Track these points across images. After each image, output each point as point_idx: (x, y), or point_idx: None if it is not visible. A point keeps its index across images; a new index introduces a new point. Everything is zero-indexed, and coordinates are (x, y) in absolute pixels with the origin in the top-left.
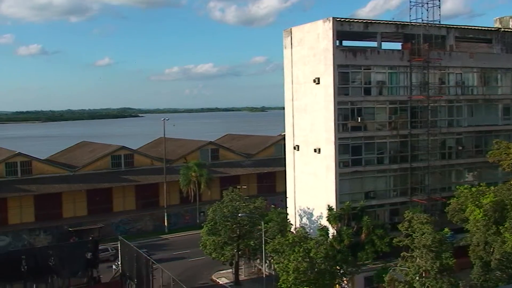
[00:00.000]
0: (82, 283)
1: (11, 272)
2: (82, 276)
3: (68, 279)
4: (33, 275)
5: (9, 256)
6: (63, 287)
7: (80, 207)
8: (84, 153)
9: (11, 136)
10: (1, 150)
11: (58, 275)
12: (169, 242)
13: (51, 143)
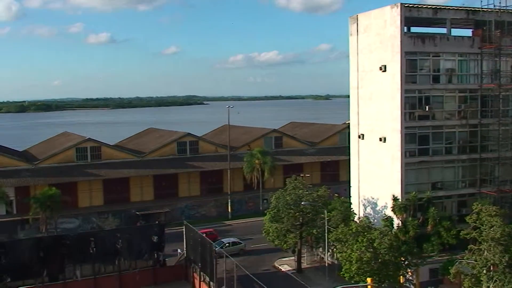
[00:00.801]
0: (148, 265)
1: (81, 254)
2: (148, 258)
3: (135, 261)
4: (101, 256)
5: (79, 238)
6: (130, 269)
7: (147, 191)
8: (151, 140)
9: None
10: (72, 136)
11: (125, 257)
12: (232, 228)
13: (119, 129)
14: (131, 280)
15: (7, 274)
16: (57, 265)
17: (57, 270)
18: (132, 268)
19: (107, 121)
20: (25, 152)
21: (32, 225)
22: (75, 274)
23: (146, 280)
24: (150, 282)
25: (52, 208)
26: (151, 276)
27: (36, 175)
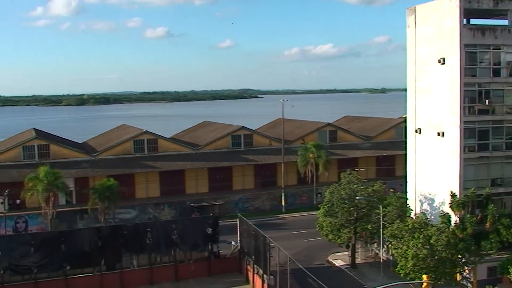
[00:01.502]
0: (203, 257)
1: (137, 244)
2: (202, 250)
3: (190, 252)
4: (157, 247)
5: (136, 228)
6: (185, 260)
7: (202, 184)
8: (206, 133)
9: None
10: (129, 128)
11: (180, 248)
12: (285, 221)
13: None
14: (186, 270)
15: (66, 262)
16: (115, 254)
17: (115, 259)
18: (187, 259)
19: (164, 114)
20: (85, 144)
21: (90, 215)
22: (132, 263)
23: (201, 271)
24: (205, 273)
25: (110, 199)
26: (205, 267)
27: (95, 167)
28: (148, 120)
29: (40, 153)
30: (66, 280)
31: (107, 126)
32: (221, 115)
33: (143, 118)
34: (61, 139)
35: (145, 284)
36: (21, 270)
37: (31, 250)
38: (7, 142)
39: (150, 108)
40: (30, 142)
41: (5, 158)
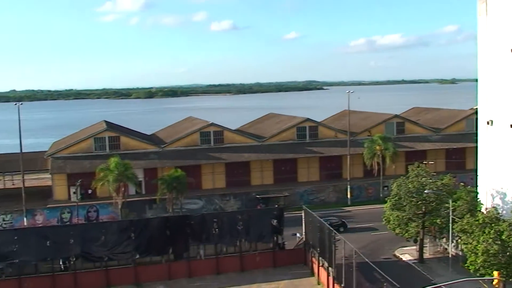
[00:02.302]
0: (268, 248)
1: (204, 234)
2: (267, 241)
3: (255, 243)
4: (223, 237)
5: (202, 218)
6: (250, 250)
7: (267, 175)
8: (271, 125)
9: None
10: (196, 120)
11: (246, 239)
12: (351, 214)
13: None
14: (251, 261)
15: (136, 250)
16: (182, 244)
17: (182, 248)
18: (253, 250)
19: (229, 106)
20: (153, 136)
21: (159, 205)
22: (199, 253)
23: (266, 262)
24: (270, 264)
25: (177, 189)
26: (270, 258)
27: (163, 158)
28: (214, 112)
29: (111, 144)
30: (135, 268)
31: (175, 118)
32: (286, 107)
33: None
34: (130, 131)
35: (212, 274)
36: (92, 258)
37: (102, 238)
38: (80, 134)
39: (216, 101)
40: (101, 134)
41: (78, 150)
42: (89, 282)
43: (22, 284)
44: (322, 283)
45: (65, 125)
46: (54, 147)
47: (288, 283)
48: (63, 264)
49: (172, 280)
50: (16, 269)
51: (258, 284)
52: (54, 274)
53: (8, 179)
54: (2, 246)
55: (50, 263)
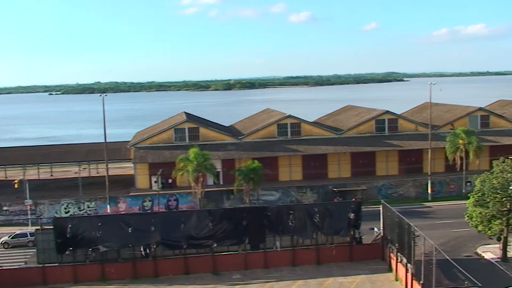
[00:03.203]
0: (345, 242)
1: (280, 225)
2: (344, 235)
3: (331, 236)
4: (299, 229)
5: (279, 210)
6: (327, 243)
7: (344, 168)
8: (349, 117)
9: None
10: (273, 112)
11: (322, 232)
12: (431, 210)
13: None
14: (327, 254)
15: (213, 239)
16: (259, 235)
17: (259, 239)
18: (329, 243)
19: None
20: (231, 127)
21: (236, 195)
22: (275, 244)
23: (342, 255)
24: (346, 258)
25: (254, 181)
26: (347, 252)
27: (240, 149)
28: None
29: (190, 135)
30: (213, 257)
31: (252, 110)
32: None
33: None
34: (209, 122)
35: (288, 265)
36: (172, 245)
37: (182, 227)
38: (161, 125)
39: (293, 93)
40: (181, 125)
41: (159, 140)
42: (169, 269)
43: (104, 269)
44: (400, 279)
45: (147, 116)
46: (136, 137)
47: (365, 278)
48: (143, 251)
49: (248, 270)
50: (99, 255)
51: (334, 277)
52: (135, 261)
53: (93, 167)
54: (87, 232)
55: (132, 250)
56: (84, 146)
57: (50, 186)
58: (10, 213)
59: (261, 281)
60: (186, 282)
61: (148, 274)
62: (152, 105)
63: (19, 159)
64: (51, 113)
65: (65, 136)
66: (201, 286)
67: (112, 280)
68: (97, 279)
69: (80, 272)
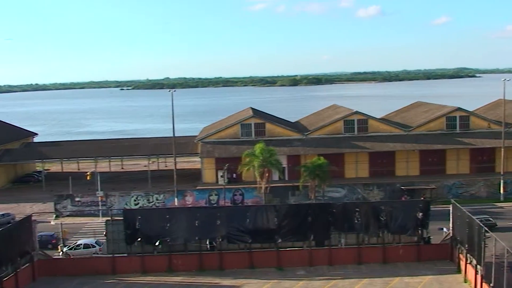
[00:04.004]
0: (412, 241)
1: (346, 223)
2: (411, 234)
3: (398, 235)
4: (365, 227)
5: (345, 207)
6: (393, 242)
7: (412, 166)
8: (418, 114)
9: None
10: (340, 108)
11: (389, 231)
12: (504, 210)
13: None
14: (394, 253)
15: (278, 234)
16: (324, 231)
17: (323, 236)
18: (396, 242)
19: (374, 94)
20: (297, 123)
21: (301, 191)
22: (340, 241)
23: (410, 255)
24: (413, 258)
25: (320, 177)
26: (414, 252)
27: (306, 145)
28: (358, 100)
29: (256, 131)
30: (278, 252)
31: (318, 106)
32: (434, 95)
33: (353, 98)
34: (275, 118)
35: (353, 263)
36: (237, 239)
37: (247, 221)
38: (227, 120)
39: (361, 88)
40: (248, 120)
41: (225, 135)
42: (234, 262)
43: (172, 261)
44: (470, 281)
45: (213, 111)
46: (203, 132)
47: (432, 279)
48: (209, 244)
49: (313, 267)
50: (167, 246)
51: (401, 277)
52: (201, 253)
53: (161, 161)
54: (156, 223)
55: (198, 242)
56: (153, 140)
57: (120, 179)
58: (82, 204)
59: (325, 278)
60: (250, 276)
61: (214, 267)
62: (219, 100)
63: (91, 152)
64: (122, 108)
65: (135, 130)
66: (265, 281)
67: (179, 272)
68: (165, 270)
69: (148, 263)
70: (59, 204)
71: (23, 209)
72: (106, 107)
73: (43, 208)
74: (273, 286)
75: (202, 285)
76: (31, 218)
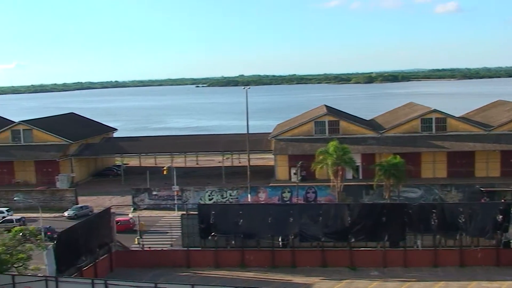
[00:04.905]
0: (491, 245)
1: (422, 224)
2: (491, 237)
3: (477, 238)
4: (442, 229)
5: (421, 208)
6: (471, 245)
7: (493, 167)
8: (500, 112)
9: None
10: (417, 106)
11: (467, 233)
12: None
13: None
14: (472, 257)
15: (351, 234)
16: (398, 232)
17: (398, 236)
18: (474, 245)
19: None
20: (372, 121)
21: (376, 191)
22: (416, 243)
23: (488, 259)
24: (493, 262)
25: (396, 176)
26: (493, 256)
27: (381, 144)
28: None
29: (330, 128)
30: (351, 252)
31: (394, 104)
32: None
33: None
34: (349, 116)
35: (428, 265)
36: (309, 237)
37: (320, 219)
38: (301, 118)
39: (439, 86)
40: (322, 118)
41: (299, 132)
42: (306, 260)
43: (244, 256)
44: None
45: (287, 109)
46: (277, 129)
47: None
48: (282, 241)
49: (386, 268)
50: (240, 242)
51: (478, 281)
52: (273, 250)
53: (235, 157)
54: (229, 219)
55: (271, 239)
56: (227, 136)
57: (195, 174)
58: (158, 198)
59: (399, 280)
60: (322, 275)
61: (286, 264)
62: (293, 97)
63: (168, 148)
64: (197, 105)
65: (210, 127)
66: (337, 280)
67: (251, 267)
68: (237, 265)
69: (221, 257)
70: (137, 198)
71: (103, 202)
72: (183, 104)
73: (121, 201)
74: (345, 285)
75: (274, 282)
76: (110, 210)
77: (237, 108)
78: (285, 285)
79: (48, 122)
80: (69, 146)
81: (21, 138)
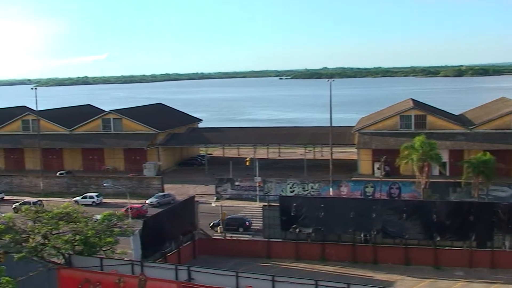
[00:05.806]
0: None
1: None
2: None
3: None
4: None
5: (510, 208)
6: None
7: None
8: None
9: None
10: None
11: None
12: None
13: None
14: None
15: (437, 233)
16: (486, 232)
17: (486, 237)
18: None
19: None
20: (461, 116)
21: (463, 188)
22: (504, 244)
23: None
24: None
25: (485, 174)
26: None
27: (470, 140)
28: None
29: (417, 123)
30: (435, 250)
31: (485, 99)
32: None
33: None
34: (437, 110)
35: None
36: (392, 234)
37: (403, 216)
38: (386, 111)
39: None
40: (408, 112)
41: (384, 126)
42: (388, 257)
43: (325, 250)
44: None
45: (371, 102)
46: (361, 122)
47: None
48: (364, 237)
49: (472, 268)
50: (321, 235)
51: None
52: (355, 245)
53: (317, 150)
54: (310, 212)
55: (352, 234)
56: (310, 129)
57: (277, 166)
58: (241, 188)
59: (485, 281)
60: (405, 273)
61: (367, 260)
62: (377, 90)
63: (251, 139)
64: (280, 97)
65: (293, 119)
66: (420, 279)
67: (332, 261)
68: (318, 259)
69: (301, 250)
70: (220, 187)
71: (187, 190)
72: (266, 96)
73: (205, 190)
74: (429, 284)
75: (354, 277)
76: (194, 198)
77: (321, 101)
78: (366, 281)
79: (137, 111)
80: (156, 136)
81: (111, 126)
